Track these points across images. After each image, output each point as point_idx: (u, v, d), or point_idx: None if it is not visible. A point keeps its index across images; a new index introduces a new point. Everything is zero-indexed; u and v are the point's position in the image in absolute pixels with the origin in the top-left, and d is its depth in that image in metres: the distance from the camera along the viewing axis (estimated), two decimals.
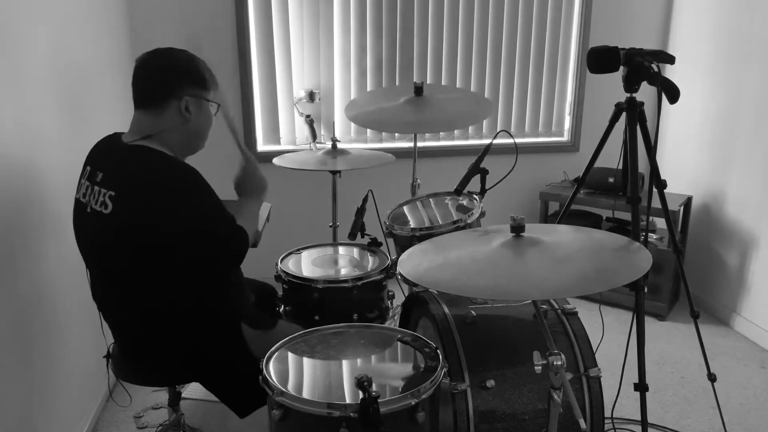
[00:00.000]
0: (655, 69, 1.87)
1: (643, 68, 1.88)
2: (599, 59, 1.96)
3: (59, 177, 2.12)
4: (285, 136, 3.59)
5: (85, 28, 2.52)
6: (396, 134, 3.72)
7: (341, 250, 2.47)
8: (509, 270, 1.33)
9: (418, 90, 2.64)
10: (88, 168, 1.71)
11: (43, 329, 1.98)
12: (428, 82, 3.66)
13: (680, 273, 2.44)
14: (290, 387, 1.40)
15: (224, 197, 1.71)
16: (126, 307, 1.72)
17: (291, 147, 3.56)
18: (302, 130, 3.58)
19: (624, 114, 2.00)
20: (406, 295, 2.34)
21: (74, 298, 2.20)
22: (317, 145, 3.51)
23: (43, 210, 2.01)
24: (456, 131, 3.79)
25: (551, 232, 1.51)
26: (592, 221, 3.57)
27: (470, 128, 3.81)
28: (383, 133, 3.71)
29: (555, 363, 1.33)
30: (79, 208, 1.70)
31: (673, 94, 1.89)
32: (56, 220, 2.08)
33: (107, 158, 1.70)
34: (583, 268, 1.33)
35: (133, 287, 1.67)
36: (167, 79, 1.68)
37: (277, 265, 2.22)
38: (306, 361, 1.54)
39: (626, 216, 3.44)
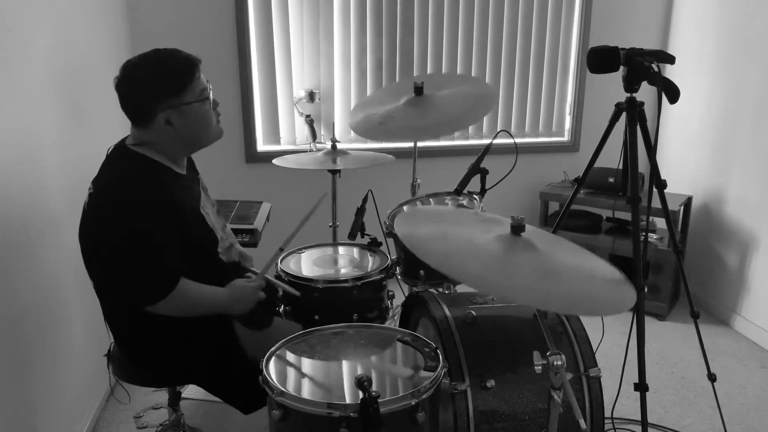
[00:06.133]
0: (655, 69, 1.87)
1: (643, 68, 1.88)
2: (599, 59, 1.96)
3: (59, 177, 2.12)
4: (285, 136, 3.59)
5: (85, 29, 2.52)
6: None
7: (341, 250, 2.47)
8: (500, 266, 1.30)
9: (419, 90, 2.63)
10: None
11: (43, 329, 1.98)
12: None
13: (680, 273, 2.44)
14: (290, 387, 1.40)
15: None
16: (118, 306, 1.72)
17: (291, 147, 3.57)
18: (302, 130, 3.58)
19: (624, 114, 2.00)
20: (406, 295, 2.34)
21: (74, 298, 2.20)
22: (317, 145, 3.51)
23: (43, 210, 2.01)
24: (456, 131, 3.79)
25: (549, 242, 1.47)
26: (592, 221, 3.57)
27: (470, 128, 3.81)
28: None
29: (555, 363, 1.33)
30: None
31: (673, 94, 1.89)
32: (56, 220, 2.08)
33: (106, 158, 1.72)
34: (569, 288, 1.29)
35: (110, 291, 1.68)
36: (140, 100, 1.64)
37: (277, 265, 2.22)
38: (306, 361, 1.54)
39: (626, 216, 3.44)
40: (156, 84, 1.63)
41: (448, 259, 1.29)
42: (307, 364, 1.53)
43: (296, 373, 1.49)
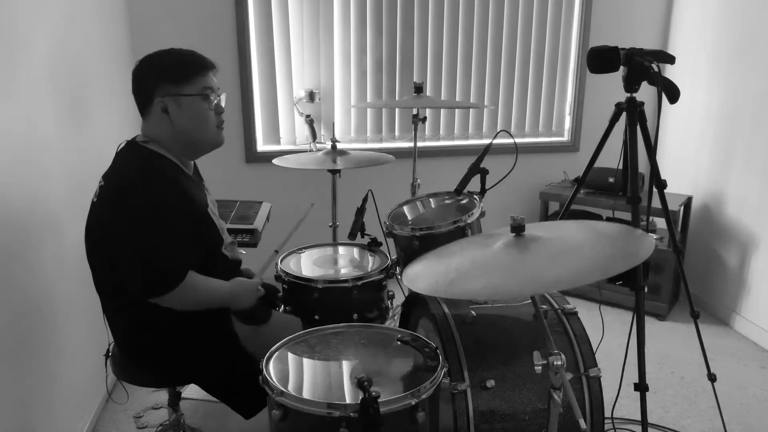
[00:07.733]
0: (655, 69, 1.88)
1: (643, 68, 1.88)
2: (599, 59, 1.96)
3: (59, 177, 2.12)
4: (285, 136, 3.59)
5: (86, 29, 2.52)
6: (396, 134, 3.72)
7: (341, 250, 2.47)
8: (507, 269, 1.31)
9: (419, 89, 2.64)
10: None
11: (43, 329, 1.98)
12: (428, 82, 3.66)
13: (680, 273, 2.44)
14: (290, 387, 1.40)
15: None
16: (117, 304, 1.72)
17: (291, 147, 3.57)
18: (302, 130, 3.58)
19: (624, 114, 2.00)
20: (406, 295, 2.33)
21: (74, 298, 2.20)
22: (317, 145, 3.51)
23: (44, 211, 2.01)
24: (456, 131, 3.79)
25: (552, 228, 1.48)
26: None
27: (470, 128, 3.81)
28: (383, 133, 3.71)
29: (555, 363, 1.33)
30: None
31: (673, 94, 1.89)
32: (56, 220, 2.08)
33: (117, 153, 1.73)
34: (581, 259, 1.30)
35: (118, 283, 1.67)
36: (140, 85, 1.67)
37: (277, 265, 2.22)
38: (306, 361, 1.54)
39: (626, 216, 3.43)
40: (159, 69, 1.66)
41: (455, 286, 1.28)
42: (307, 364, 1.53)
43: (296, 373, 1.49)
